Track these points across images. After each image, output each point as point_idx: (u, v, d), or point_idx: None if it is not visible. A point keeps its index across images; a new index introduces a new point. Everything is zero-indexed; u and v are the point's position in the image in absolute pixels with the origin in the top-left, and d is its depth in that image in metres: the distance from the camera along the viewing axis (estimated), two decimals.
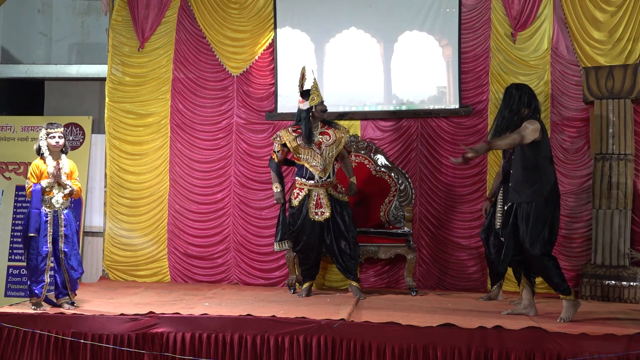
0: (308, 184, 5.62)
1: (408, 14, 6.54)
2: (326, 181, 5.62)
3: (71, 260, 4.88)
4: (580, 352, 4.00)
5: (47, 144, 4.89)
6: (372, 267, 6.39)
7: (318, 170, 5.59)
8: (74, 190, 4.92)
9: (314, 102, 5.58)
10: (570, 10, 6.22)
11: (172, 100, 6.87)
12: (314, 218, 5.58)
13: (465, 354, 4.12)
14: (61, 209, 4.87)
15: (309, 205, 5.59)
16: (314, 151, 5.60)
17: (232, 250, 6.68)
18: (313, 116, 5.61)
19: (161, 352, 4.40)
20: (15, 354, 4.51)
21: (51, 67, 7.61)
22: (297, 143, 5.62)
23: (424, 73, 6.53)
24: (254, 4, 6.81)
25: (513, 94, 4.68)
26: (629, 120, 5.81)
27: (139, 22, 6.91)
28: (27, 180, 4.90)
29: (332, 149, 5.63)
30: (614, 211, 5.72)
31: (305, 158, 5.63)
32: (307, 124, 5.58)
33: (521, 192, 4.57)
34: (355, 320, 4.39)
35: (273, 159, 5.76)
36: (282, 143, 5.68)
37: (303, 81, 5.73)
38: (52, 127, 4.91)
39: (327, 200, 5.60)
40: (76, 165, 5.07)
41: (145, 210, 6.85)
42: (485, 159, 6.29)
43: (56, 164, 4.85)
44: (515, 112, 4.63)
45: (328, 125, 5.72)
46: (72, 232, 4.93)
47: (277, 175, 5.73)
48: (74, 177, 4.98)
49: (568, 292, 4.52)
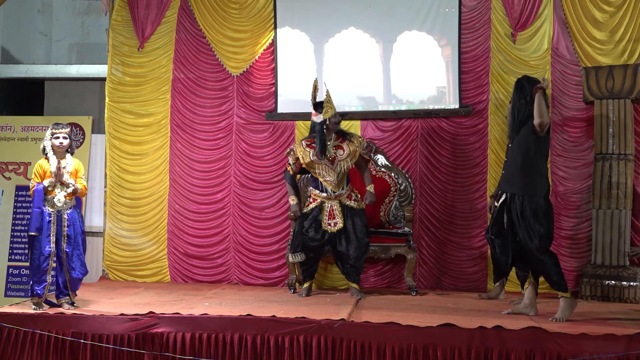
0: (321, 196, 5.63)
1: (408, 14, 6.54)
2: (340, 193, 5.61)
3: (73, 260, 4.87)
4: (580, 352, 4.00)
5: (51, 144, 4.91)
6: (372, 267, 6.39)
7: (332, 185, 5.59)
8: (78, 189, 4.91)
9: (327, 115, 5.53)
10: (571, 11, 6.22)
11: (172, 100, 6.88)
12: (327, 229, 5.57)
13: (465, 354, 4.12)
14: (64, 209, 4.87)
15: (322, 215, 5.58)
16: (327, 167, 5.58)
17: (232, 250, 6.68)
18: (327, 128, 5.57)
19: (161, 352, 4.40)
20: (15, 354, 4.51)
21: (51, 67, 7.61)
22: (310, 159, 5.60)
23: (423, 73, 6.53)
24: (254, 4, 6.81)
25: (525, 86, 4.69)
26: (629, 120, 5.81)
27: (139, 22, 6.91)
28: (31, 179, 4.92)
29: (347, 162, 5.60)
30: (614, 211, 5.72)
31: (319, 173, 5.63)
32: (322, 137, 5.53)
33: (513, 183, 4.60)
34: (355, 320, 4.39)
35: (288, 170, 5.76)
36: (296, 156, 5.68)
37: (316, 93, 5.69)
38: (58, 127, 4.92)
39: (340, 212, 5.57)
40: (82, 164, 5.07)
41: (145, 210, 6.85)
42: (486, 159, 6.29)
43: (58, 163, 4.86)
44: (529, 102, 4.63)
45: (343, 138, 5.67)
46: (76, 232, 4.91)
47: (293, 187, 5.73)
48: (79, 175, 4.97)
49: (565, 289, 4.51)
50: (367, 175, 5.76)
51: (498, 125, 6.27)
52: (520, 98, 4.69)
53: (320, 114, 5.56)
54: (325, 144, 5.53)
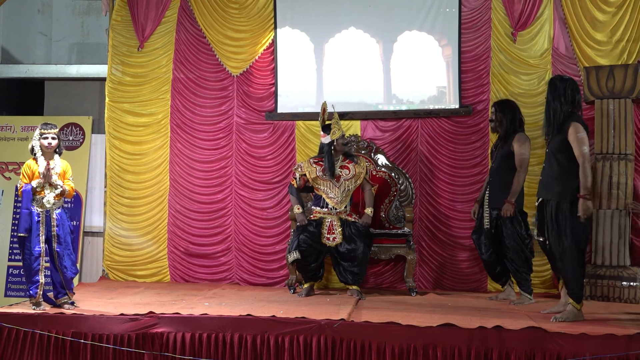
0: (322, 212, 5.74)
1: (408, 14, 6.53)
2: (341, 210, 5.71)
3: (64, 260, 4.87)
4: (580, 352, 4.00)
5: (39, 144, 4.88)
6: (372, 267, 6.39)
7: (334, 202, 5.71)
8: (66, 190, 4.90)
9: (335, 136, 5.72)
10: (570, 11, 6.22)
11: (172, 100, 6.88)
12: (326, 243, 5.65)
13: (465, 354, 4.12)
14: (53, 209, 4.85)
15: (322, 228, 5.66)
16: (332, 184, 5.72)
17: (234, 249, 6.68)
18: (335, 149, 5.72)
19: (161, 352, 4.40)
20: (15, 354, 4.51)
21: (51, 67, 7.61)
22: (316, 175, 5.74)
23: (423, 73, 6.53)
24: (254, 4, 6.81)
25: (558, 86, 4.64)
26: (629, 120, 5.80)
27: (139, 22, 6.91)
28: (20, 180, 4.91)
29: (351, 183, 5.75)
30: (614, 211, 5.71)
31: (323, 189, 5.75)
32: (330, 158, 5.72)
33: (550, 189, 4.60)
34: (355, 320, 4.39)
35: (292, 184, 5.86)
36: (302, 173, 5.79)
37: (324, 116, 5.84)
38: (46, 127, 4.89)
39: (339, 227, 5.65)
40: (70, 166, 5.04)
41: (145, 210, 6.85)
42: (486, 159, 6.29)
43: (46, 164, 4.84)
44: (564, 103, 4.59)
45: (349, 159, 5.82)
46: (65, 232, 4.91)
47: (297, 198, 5.82)
48: (66, 177, 4.95)
49: (578, 301, 4.52)
50: (368, 198, 5.86)
51: None
52: (555, 99, 4.62)
53: (327, 135, 5.73)
54: (333, 165, 5.72)
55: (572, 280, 4.54)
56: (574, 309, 4.51)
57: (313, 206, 5.87)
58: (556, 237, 4.52)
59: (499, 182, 5.43)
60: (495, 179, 5.50)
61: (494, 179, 5.52)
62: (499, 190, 5.40)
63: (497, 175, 5.47)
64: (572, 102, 4.61)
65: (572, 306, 4.52)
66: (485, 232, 5.52)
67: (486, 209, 5.50)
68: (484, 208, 5.54)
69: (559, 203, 4.53)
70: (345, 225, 5.67)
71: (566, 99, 4.59)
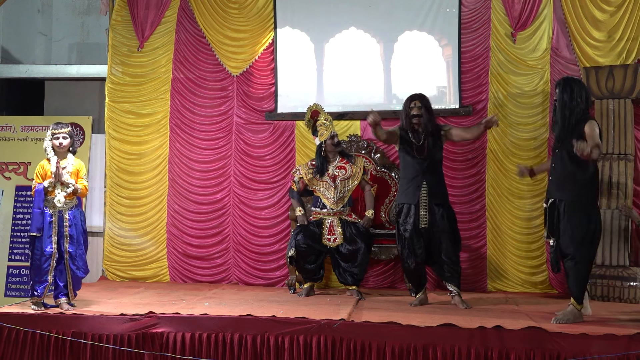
0: (322, 212, 5.77)
1: (408, 14, 6.53)
2: (339, 210, 5.74)
3: (77, 259, 4.87)
4: (580, 352, 4.00)
5: (51, 145, 4.90)
6: (373, 267, 6.38)
7: (330, 202, 5.75)
8: (78, 189, 4.90)
9: (323, 138, 5.78)
10: (570, 10, 6.22)
11: (171, 100, 6.87)
12: (327, 244, 5.67)
13: (465, 354, 4.12)
14: (65, 209, 4.86)
15: (322, 229, 5.70)
16: (328, 184, 5.75)
17: (232, 250, 6.68)
18: (326, 150, 5.76)
19: (161, 352, 4.41)
20: (15, 354, 4.51)
21: (51, 67, 7.61)
22: (312, 176, 5.79)
23: (423, 73, 6.53)
24: (254, 4, 6.80)
25: (574, 87, 4.62)
26: (629, 120, 5.80)
27: (139, 22, 6.91)
28: (33, 180, 4.93)
29: (348, 183, 5.77)
30: (614, 211, 5.71)
31: (320, 190, 5.80)
32: (320, 159, 5.78)
33: (563, 189, 4.58)
34: (355, 320, 4.39)
35: (292, 188, 5.91)
36: (300, 177, 5.86)
37: (311, 118, 5.89)
38: (58, 127, 4.91)
39: (339, 227, 5.68)
40: (83, 164, 5.05)
41: (144, 210, 6.84)
42: (485, 159, 6.29)
43: (57, 163, 4.85)
44: (580, 103, 4.58)
45: (347, 160, 5.85)
46: (78, 232, 4.90)
47: (298, 200, 5.86)
48: (80, 175, 4.95)
49: (580, 302, 4.53)
50: (368, 198, 5.87)
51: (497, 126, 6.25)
52: (572, 99, 4.59)
53: (316, 137, 5.82)
54: (324, 166, 5.76)
55: (574, 283, 4.54)
56: (574, 309, 4.52)
57: (312, 207, 5.89)
58: (569, 237, 4.51)
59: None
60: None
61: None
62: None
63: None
64: (586, 102, 4.63)
65: (573, 306, 4.52)
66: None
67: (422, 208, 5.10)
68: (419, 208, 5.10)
69: (573, 202, 4.52)
70: (346, 225, 5.69)
71: (582, 100, 4.60)
